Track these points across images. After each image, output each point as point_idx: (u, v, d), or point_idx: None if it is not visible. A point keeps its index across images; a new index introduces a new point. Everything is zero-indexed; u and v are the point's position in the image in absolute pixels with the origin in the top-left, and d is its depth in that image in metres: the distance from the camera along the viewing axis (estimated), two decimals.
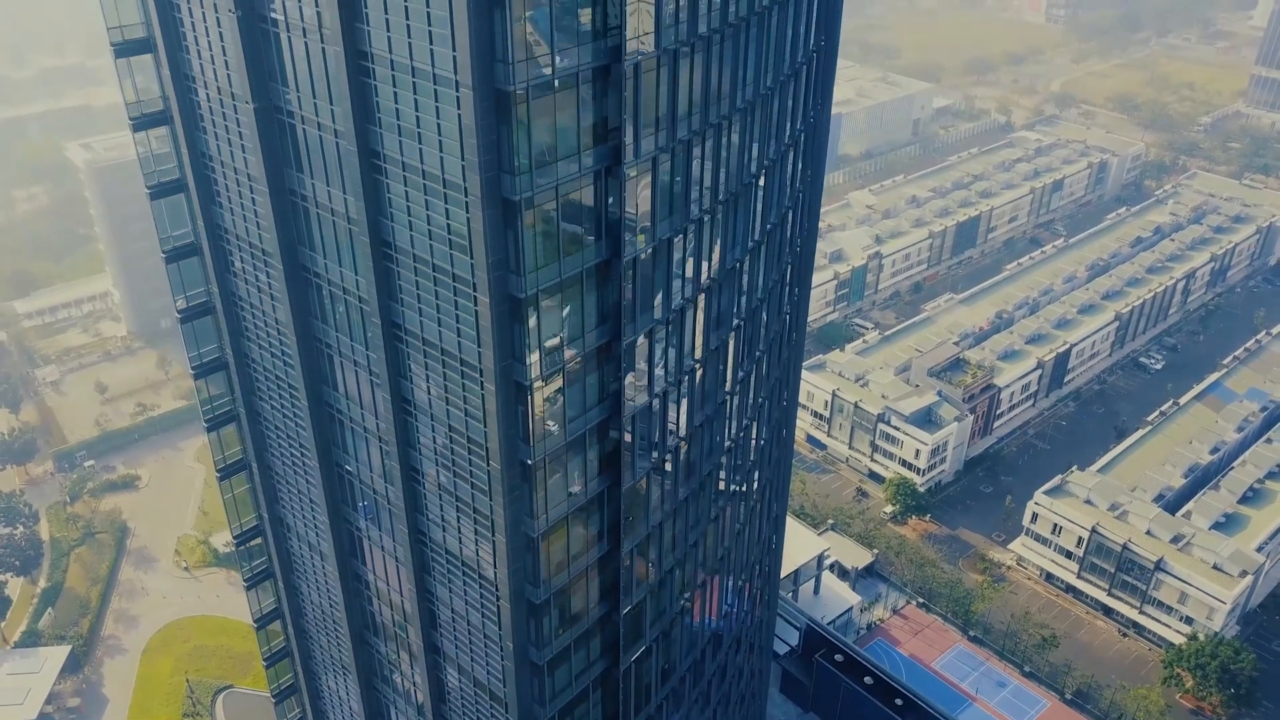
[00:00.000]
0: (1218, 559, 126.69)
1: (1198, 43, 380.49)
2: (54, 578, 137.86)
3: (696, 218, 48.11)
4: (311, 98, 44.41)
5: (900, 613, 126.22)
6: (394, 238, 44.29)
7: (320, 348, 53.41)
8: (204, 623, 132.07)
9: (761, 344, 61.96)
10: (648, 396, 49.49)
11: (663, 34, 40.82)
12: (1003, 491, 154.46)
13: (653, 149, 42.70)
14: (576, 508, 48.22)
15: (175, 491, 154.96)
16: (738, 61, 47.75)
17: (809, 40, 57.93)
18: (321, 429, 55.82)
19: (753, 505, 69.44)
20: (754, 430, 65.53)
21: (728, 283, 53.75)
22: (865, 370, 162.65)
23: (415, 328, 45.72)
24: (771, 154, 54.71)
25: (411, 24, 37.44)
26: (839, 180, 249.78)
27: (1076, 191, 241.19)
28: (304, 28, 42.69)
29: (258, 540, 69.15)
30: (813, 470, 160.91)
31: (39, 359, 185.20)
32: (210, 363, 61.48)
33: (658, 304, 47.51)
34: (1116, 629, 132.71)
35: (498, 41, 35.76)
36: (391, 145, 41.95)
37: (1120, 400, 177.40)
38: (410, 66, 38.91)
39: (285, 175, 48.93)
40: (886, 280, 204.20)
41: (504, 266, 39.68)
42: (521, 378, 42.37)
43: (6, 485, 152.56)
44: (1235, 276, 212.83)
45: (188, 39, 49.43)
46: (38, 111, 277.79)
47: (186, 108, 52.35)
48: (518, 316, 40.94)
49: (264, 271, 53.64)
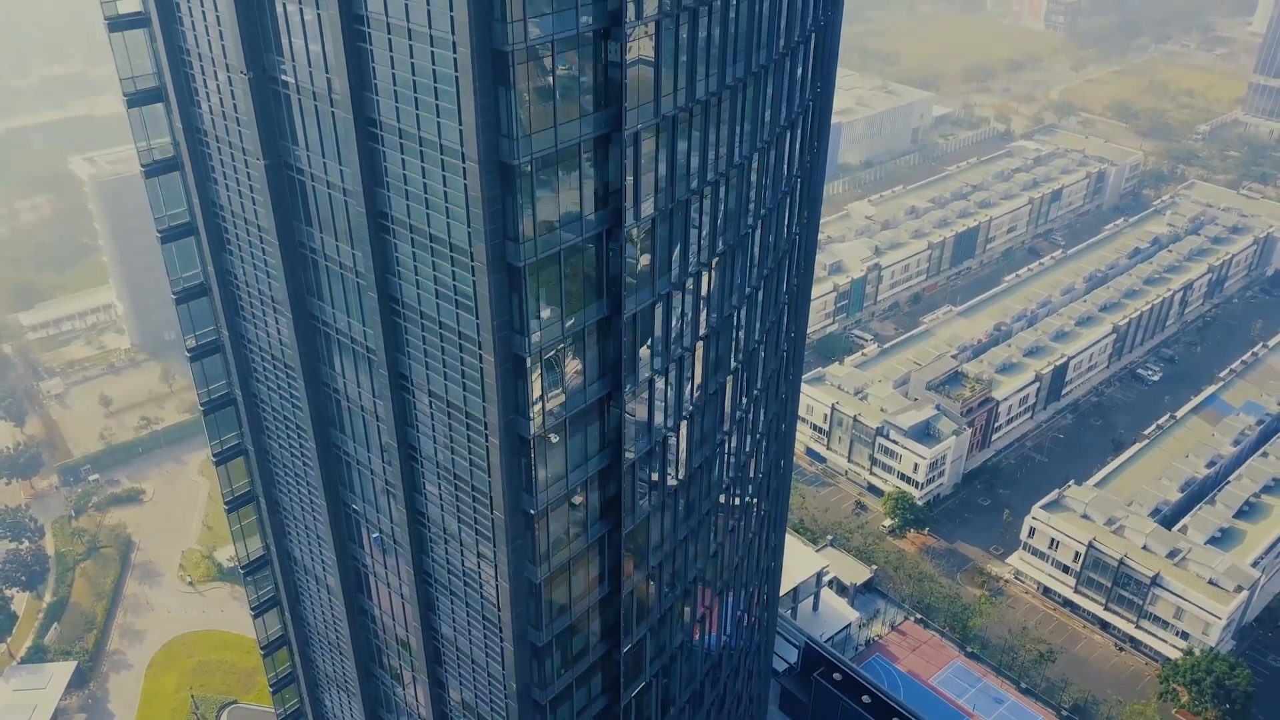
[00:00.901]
0: (1213, 574, 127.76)
1: (1196, 49, 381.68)
2: (59, 593, 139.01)
3: (695, 270, 49.19)
4: (321, 157, 45.53)
5: (898, 628, 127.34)
6: (402, 294, 45.36)
7: (329, 392, 54.55)
8: (208, 638, 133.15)
9: (760, 382, 63.06)
10: (648, 443, 50.58)
11: (661, 103, 41.89)
12: (1001, 504, 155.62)
13: (652, 210, 43.82)
14: (578, 553, 49.27)
15: (179, 505, 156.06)
16: (735, 122, 48.81)
17: (803, 93, 59.05)
18: (329, 469, 56.96)
19: (750, 538, 70.54)
20: (752, 467, 66.60)
21: (725, 329, 54.81)
22: (864, 383, 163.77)
23: (422, 380, 46.82)
24: (769, 203, 55.81)
25: (419, 96, 38.54)
26: (839, 190, 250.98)
27: (1075, 201, 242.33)
28: (314, 92, 43.79)
29: (265, 570, 70.27)
30: (812, 483, 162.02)
31: (43, 372, 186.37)
32: (219, 399, 62.59)
33: (657, 355, 48.57)
34: (1113, 643, 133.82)
35: (503, 116, 36.87)
36: (399, 209, 43.15)
37: (1118, 412, 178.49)
38: (418, 136, 40.05)
39: (295, 229, 50.03)
40: (885, 291, 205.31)
41: (509, 327, 40.82)
42: (524, 431, 43.47)
43: (12, 500, 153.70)
44: (1233, 287, 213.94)
45: (199, 93, 50.50)
46: (41, 122, 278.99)
47: (198, 158, 53.44)
48: (521, 373, 42.05)
49: (273, 317, 54.71)
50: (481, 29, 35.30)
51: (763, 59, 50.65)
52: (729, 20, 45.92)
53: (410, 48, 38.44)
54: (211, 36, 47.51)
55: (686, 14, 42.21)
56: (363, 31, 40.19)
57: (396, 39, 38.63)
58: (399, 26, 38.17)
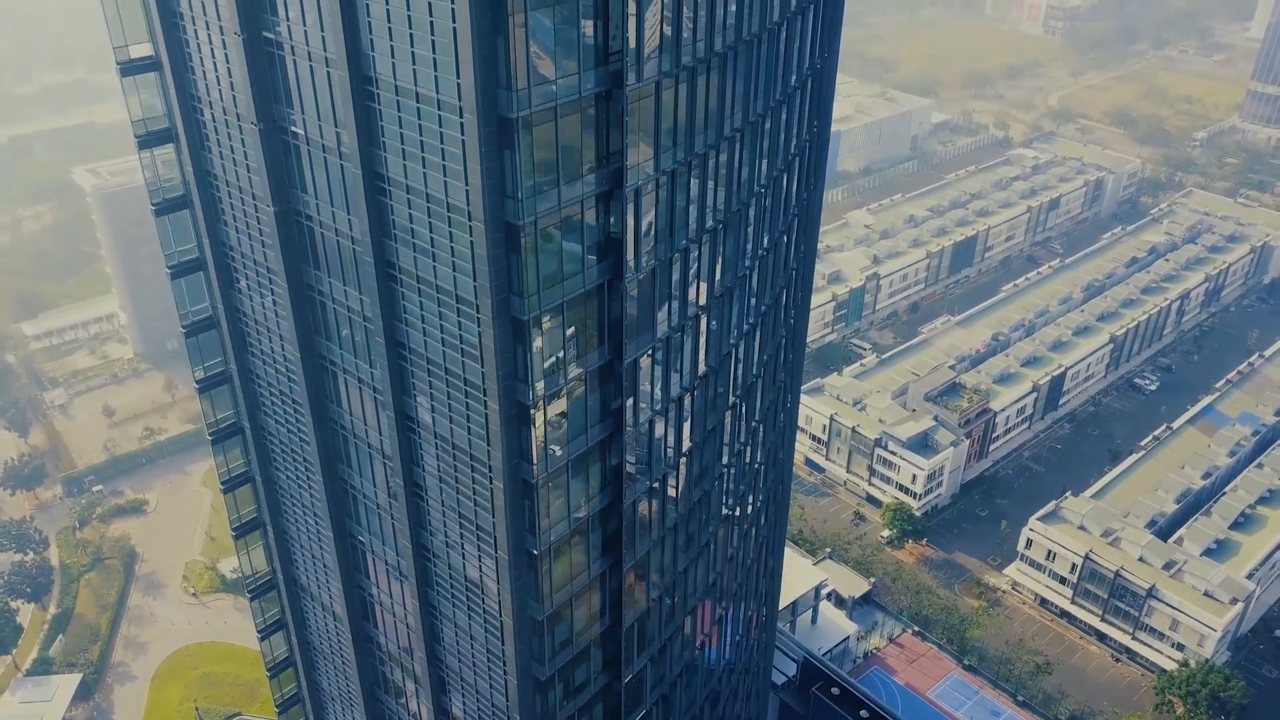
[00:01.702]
0: (1209, 586, 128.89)
1: (1195, 54, 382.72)
2: (64, 604, 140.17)
3: (694, 314, 49.98)
4: (330, 206, 46.63)
5: (896, 641, 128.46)
6: (409, 340, 46.40)
7: (335, 428, 55.67)
8: (212, 649, 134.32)
9: (758, 414, 64.02)
10: (648, 480, 51.45)
11: (661, 158, 42.36)
12: (998, 514, 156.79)
13: (652, 260, 44.94)
14: (580, 589, 50.23)
15: (183, 516, 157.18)
16: (733, 169, 49.71)
17: (800, 134, 59.94)
18: (336, 502, 58.06)
19: (749, 563, 71.65)
20: (751, 495, 67.47)
21: (723, 367, 55.72)
22: (863, 394, 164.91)
23: (429, 422, 47.93)
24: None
25: (426, 156, 39.65)
26: (838, 198, 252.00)
27: (1073, 209, 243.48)
28: (324, 145, 44.88)
29: (272, 593, 71.35)
30: (811, 494, 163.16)
31: (47, 382, 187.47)
32: (227, 428, 63.67)
33: (657, 397, 49.36)
34: (1110, 654, 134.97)
35: (508, 178, 37.95)
36: (407, 259, 44.16)
37: (1115, 422, 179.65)
38: (425, 193, 41.18)
39: (304, 272, 50.96)
40: (884, 300, 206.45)
41: (513, 377, 41.93)
42: (527, 475, 44.38)
43: (16, 511, 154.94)
44: (1230, 295, 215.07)
45: (209, 139, 51.41)
46: (43, 129, 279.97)
47: (208, 200, 54.12)
48: (525, 422, 43.10)
49: (280, 352, 55.77)
50: (487, 96, 36.29)
51: (760, 108, 51.51)
52: (727, 76, 46.82)
53: (418, 110, 39.44)
54: (223, 86, 48.51)
55: (685, 74, 43.21)
56: (372, 92, 41.26)
57: (404, 101, 39.66)
58: (407, 90, 39.20)
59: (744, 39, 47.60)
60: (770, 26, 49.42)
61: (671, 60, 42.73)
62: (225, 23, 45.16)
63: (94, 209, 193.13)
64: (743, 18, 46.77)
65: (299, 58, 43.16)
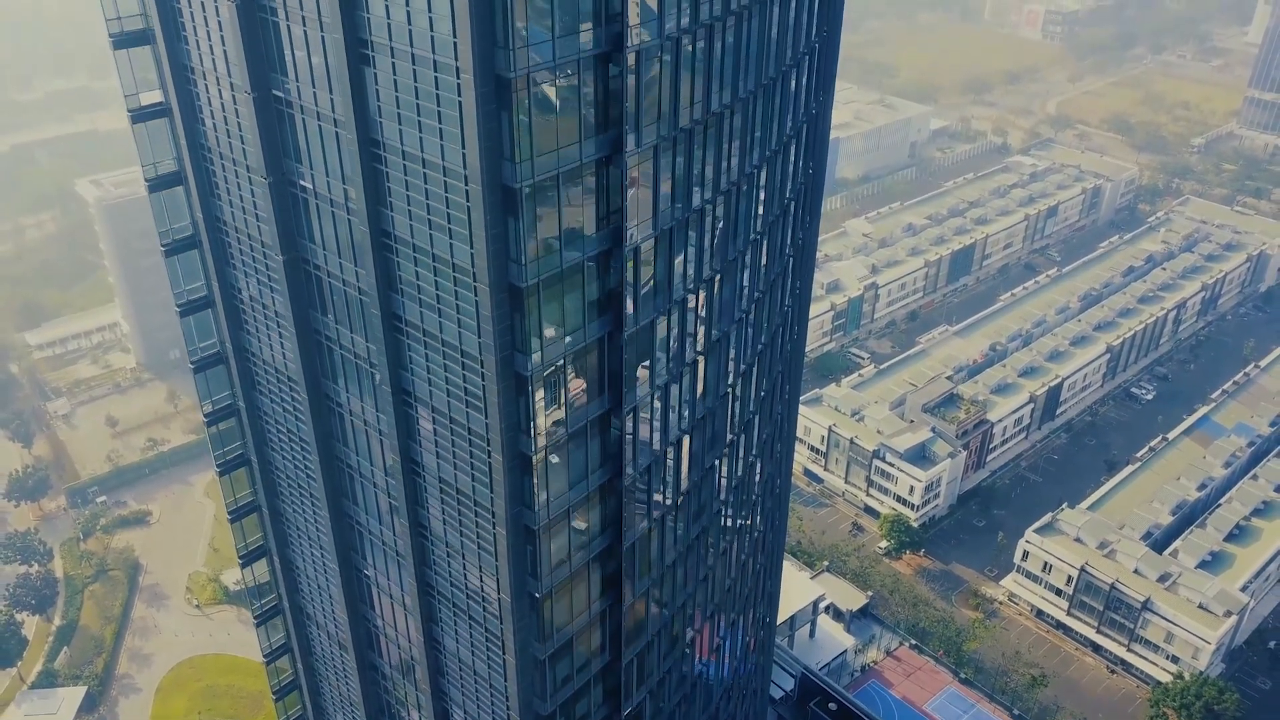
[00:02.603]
0: (1203, 599, 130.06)
1: (1193, 59, 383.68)
2: (69, 616, 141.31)
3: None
4: (338, 258, 47.65)
5: (893, 654, 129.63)
6: (414, 390, 47.44)
7: (341, 466, 56.85)
8: (216, 661, 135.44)
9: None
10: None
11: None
12: (995, 525, 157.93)
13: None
14: (581, 628, 51.44)
15: (186, 527, 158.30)
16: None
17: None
18: (342, 537, 59.25)
19: (747, 595, 72.79)
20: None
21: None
22: (861, 405, 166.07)
23: (433, 466, 48.94)
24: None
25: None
26: (837, 205, 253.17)
27: (1071, 217, 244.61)
28: (332, 200, 45.76)
29: (277, 618, 72.53)
30: (809, 504, 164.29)
31: (50, 392, 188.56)
32: (234, 460, 64.83)
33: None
34: (1105, 666, 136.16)
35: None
36: (413, 313, 44.98)
37: (1111, 431, 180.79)
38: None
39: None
40: (882, 309, 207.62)
41: (515, 428, 43.12)
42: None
43: (21, 522, 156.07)
44: (1226, 304, 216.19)
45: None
46: (46, 138, 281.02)
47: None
48: (527, 471, 44.16)
49: (287, 393, 56.95)
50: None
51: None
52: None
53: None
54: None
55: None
56: (379, 155, 41.96)
57: (411, 165, 40.54)
58: (414, 155, 40.13)
59: (739, 98, 48.52)
60: (765, 83, 50.37)
61: (670, 125, 43.44)
62: (235, 80, 46.11)
63: (97, 220, 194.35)
64: (738, 79, 47.66)
65: (308, 116, 44.15)
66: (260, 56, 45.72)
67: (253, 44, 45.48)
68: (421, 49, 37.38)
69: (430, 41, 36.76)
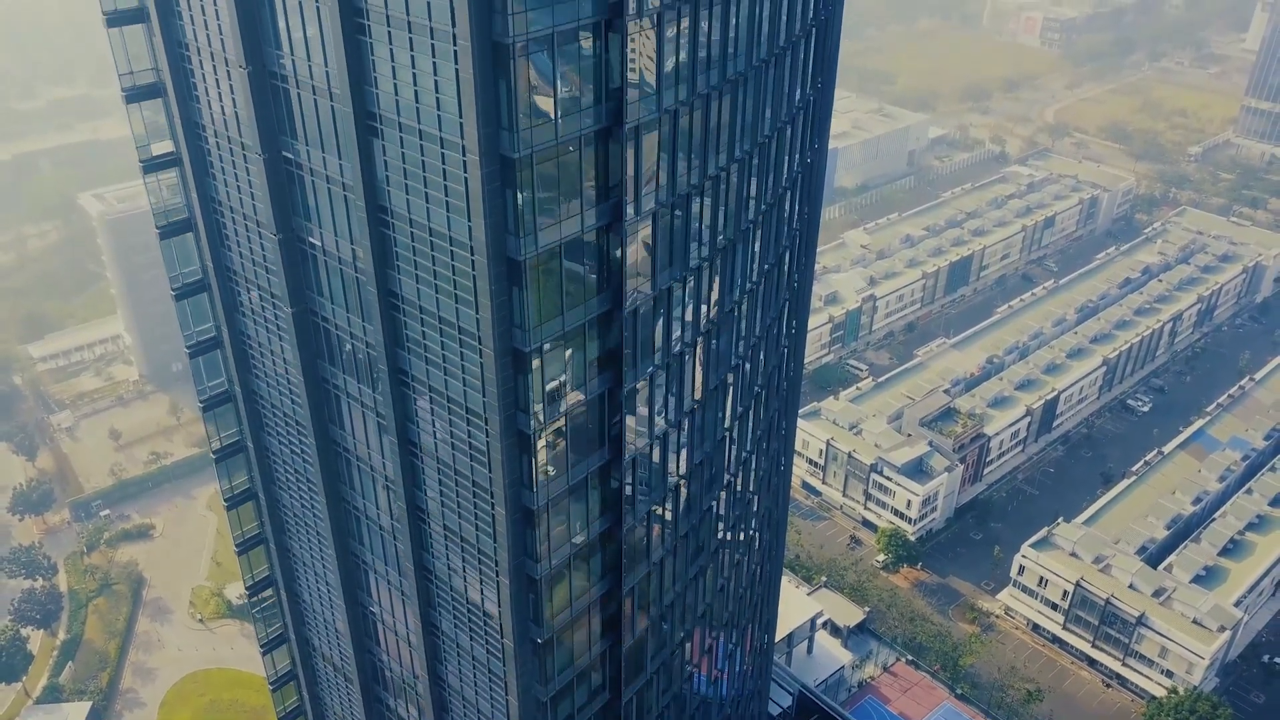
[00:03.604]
0: (1197, 614, 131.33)
1: (1190, 66, 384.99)
2: (73, 630, 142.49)
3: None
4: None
5: (890, 669, 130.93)
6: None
7: (347, 507, 58.12)
8: (219, 676, 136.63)
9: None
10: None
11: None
12: (992, 538, 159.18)
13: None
14: (581, 662, 52.57)
15: (189, 541, 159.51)
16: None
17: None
18: (348, 574, 60.49)
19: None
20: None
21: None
22: (859, 418, 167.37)
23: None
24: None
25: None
26: (835, 215, 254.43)
27: (1068, 227, 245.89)
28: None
29: (282, 646, 73.80)
30: (808, 517, 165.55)
31: (53, 404, 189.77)
32: (241, 495, 66.08)
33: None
34: (1100, 680, 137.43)
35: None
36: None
37: (1108, 444, 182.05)
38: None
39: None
40: (880, 321, 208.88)
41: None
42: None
43: (25, 536, 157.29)
44: (1222, 315, 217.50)
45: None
46: (48, 147, 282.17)
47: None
48: (529, 523, 45.28)
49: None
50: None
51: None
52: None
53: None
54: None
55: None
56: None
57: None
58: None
59: (736, 159, 49.26)
60: (761, 142, 51.22)
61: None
62: (247, 141, 47.22)
63: (99, 233, 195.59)
64: (735, 142, 48.45)
65: (317, 179, 45.33)
66: (270, 124, 47.01)
67: (264, 109, 46.69)
68: (429, 125, 38.57)
69: (437, 120, 37.96)
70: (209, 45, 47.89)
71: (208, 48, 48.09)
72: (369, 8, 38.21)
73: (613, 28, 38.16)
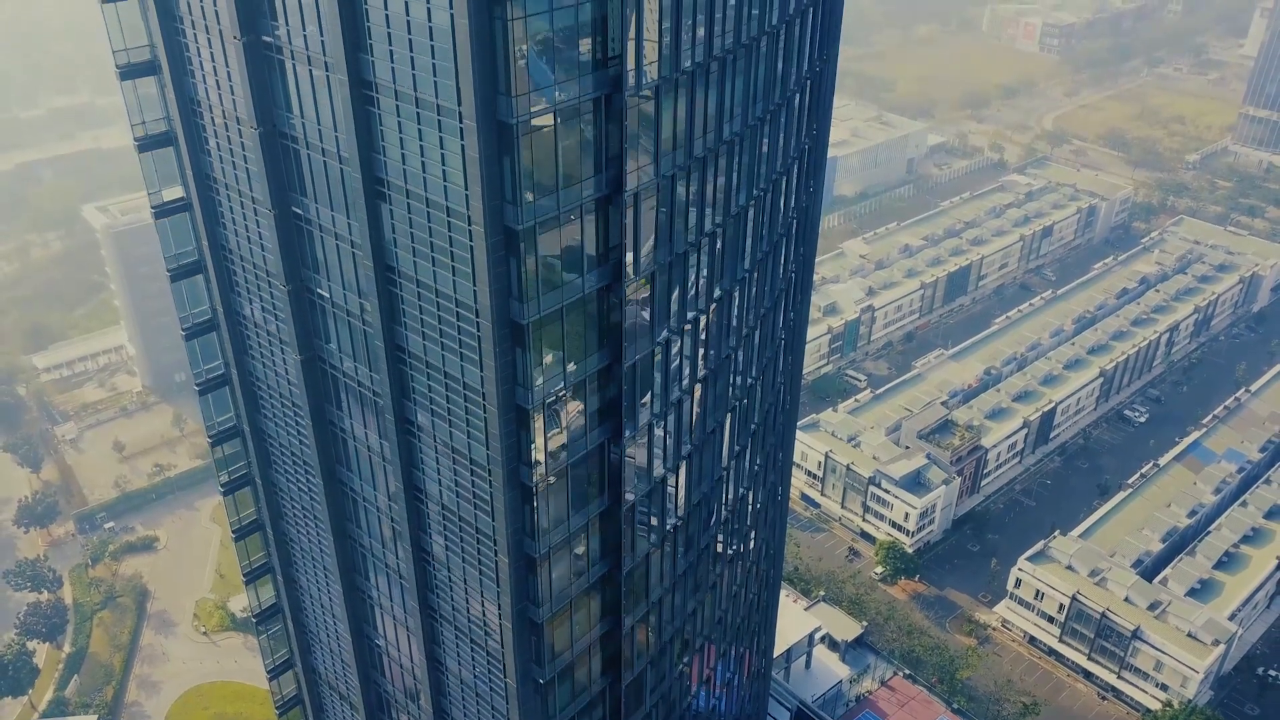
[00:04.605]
0: (1192, 628, 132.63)
1: (1189, 72, 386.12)
2: (78, 643, 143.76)
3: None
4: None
5: (888, 684, 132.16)
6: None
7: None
8: (223, 689, 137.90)
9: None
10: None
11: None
12: (989, 550, 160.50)
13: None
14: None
15: (193, 553, 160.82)
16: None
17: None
18: (354, 608, 61.81)
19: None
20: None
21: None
22: (857, 430, 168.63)
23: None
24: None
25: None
26: (834, 223, 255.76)
27: (1066, 236, 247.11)
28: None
29: (288, 673, 75.13)
30: (806, 529, 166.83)
31: (57, 415, 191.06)
32: (248, 526, 67.39)
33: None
34: (1096, 692, 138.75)
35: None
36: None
37: (1104, 455, 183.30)
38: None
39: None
40: (879, 331, 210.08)
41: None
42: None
43: (30, 549, 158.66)
44: (1219, 325, 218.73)
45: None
46: (50, 156, 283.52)
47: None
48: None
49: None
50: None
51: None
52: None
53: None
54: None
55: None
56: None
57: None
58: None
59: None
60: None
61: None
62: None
63: (103, 245, 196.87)
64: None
65: (326, 235, 46.66)
66: (281, 181, 48.36)
67: (274, 165, 48.00)
68: (435, 195, 39.89)
69: (444, 190, 39.29)
70: (220, 104, 49.24)
71: (219, 106, 49.44)
72: (377, 82, 39.60)
73: (612, 102, 39.57)
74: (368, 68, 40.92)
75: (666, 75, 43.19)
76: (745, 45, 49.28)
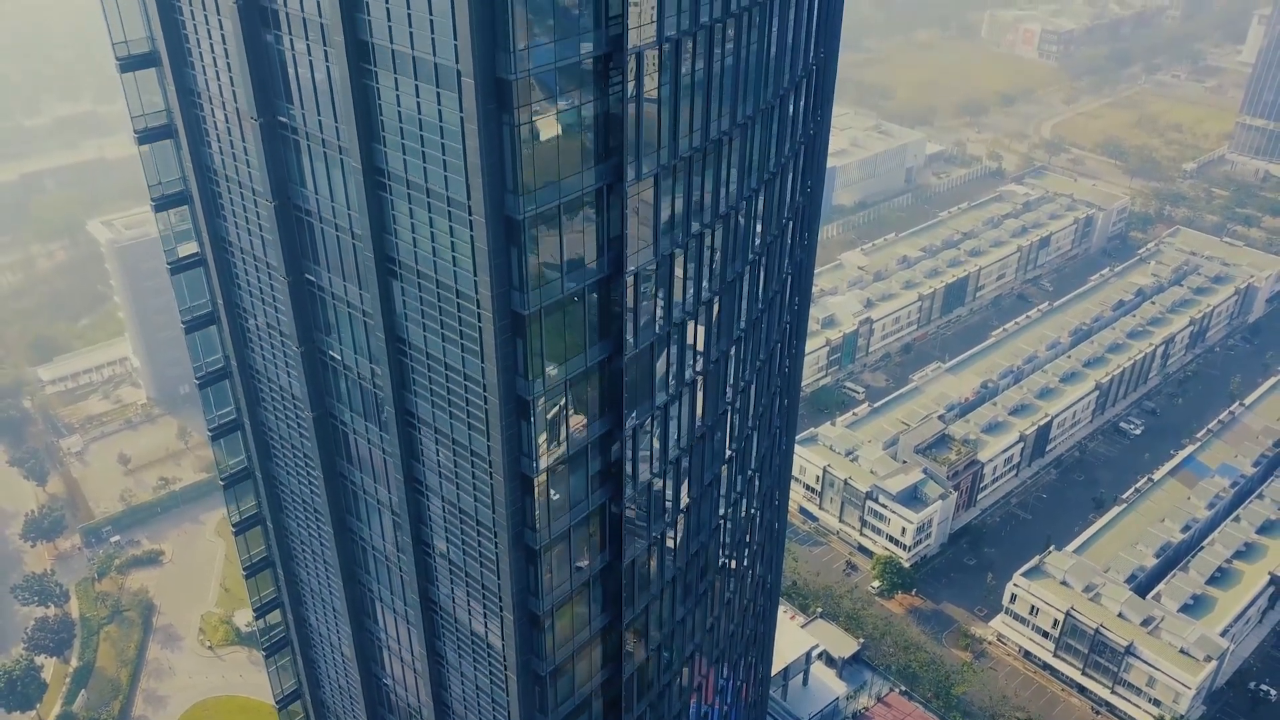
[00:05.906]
0: (1185, 644, 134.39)
1: (1187, 79, 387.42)
2: (85, 657, 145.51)
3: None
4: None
5: (884, 700, 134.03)
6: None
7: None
8: (229, 703, 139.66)
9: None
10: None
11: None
12: (986, 563, 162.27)
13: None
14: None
15: (198, 567, 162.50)
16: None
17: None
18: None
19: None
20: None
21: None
22: (855, 444, 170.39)
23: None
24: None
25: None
26: (833, 234, 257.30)
27: (1063, 246, 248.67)
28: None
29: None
30: (804, 542, 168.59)
31: (63, 428, 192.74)
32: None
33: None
34: (1090, 707, 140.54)
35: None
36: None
37: (1100, 468, 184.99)
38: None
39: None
40: (877, 343, 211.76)
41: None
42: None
43: (37, 564, 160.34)
44: (1214, 336, 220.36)
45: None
46: (54, 166, 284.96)
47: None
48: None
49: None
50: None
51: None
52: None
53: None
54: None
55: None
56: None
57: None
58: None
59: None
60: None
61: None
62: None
63: (108, 259, 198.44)
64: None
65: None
66: (295, 248, 50.02)
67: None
68: (445, 278, 41.58)
69: (453, 274, 40.96)
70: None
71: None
72: (389, 170, 41.24)
73: (613, 191, 41.29)
74: None
75: (665, 164, 44.86)
76: (740, 126, 50.35)
